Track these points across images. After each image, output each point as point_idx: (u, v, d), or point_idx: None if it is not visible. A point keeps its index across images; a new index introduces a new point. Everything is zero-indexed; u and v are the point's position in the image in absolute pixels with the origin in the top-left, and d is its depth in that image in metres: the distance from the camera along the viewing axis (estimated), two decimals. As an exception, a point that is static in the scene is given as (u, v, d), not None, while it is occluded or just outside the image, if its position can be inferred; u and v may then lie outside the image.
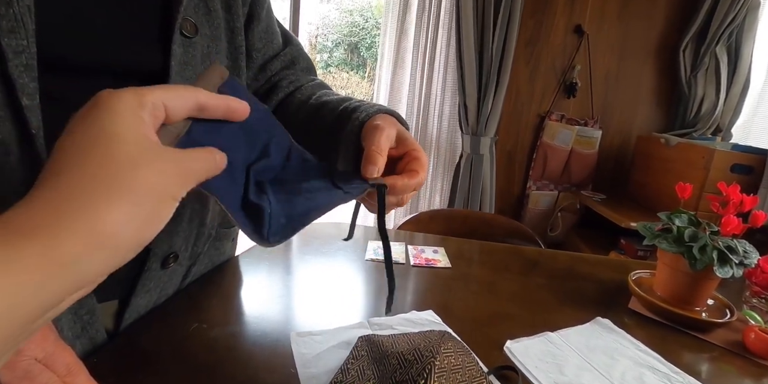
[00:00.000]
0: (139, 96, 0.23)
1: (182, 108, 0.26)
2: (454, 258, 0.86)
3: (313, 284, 0.71)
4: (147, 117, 0.24)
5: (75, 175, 0.21)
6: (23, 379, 0.32)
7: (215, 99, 0.28)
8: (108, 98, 0.23)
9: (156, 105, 0.24)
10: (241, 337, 0.54)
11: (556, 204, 2.25)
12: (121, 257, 0.22)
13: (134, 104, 0.23)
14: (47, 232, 0.19)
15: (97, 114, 0.22)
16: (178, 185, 0.24)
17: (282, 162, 0.37)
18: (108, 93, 0.23)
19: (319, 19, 5.32)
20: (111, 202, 0.21)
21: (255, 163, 0.34)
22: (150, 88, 0.24)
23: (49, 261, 0.19)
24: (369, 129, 0.41)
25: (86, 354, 0.48)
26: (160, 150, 0.23)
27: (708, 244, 0.64)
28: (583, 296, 0.73)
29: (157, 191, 0.22)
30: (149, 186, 0.22)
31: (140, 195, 0.22)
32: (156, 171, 0.22)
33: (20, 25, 0.35)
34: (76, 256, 0.20)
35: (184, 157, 0.25)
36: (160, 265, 0.53)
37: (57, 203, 0.20)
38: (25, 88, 0.36)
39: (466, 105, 2.05)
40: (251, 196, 0.32)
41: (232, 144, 0.31)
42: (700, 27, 2.01)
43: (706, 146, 1.66)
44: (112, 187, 0.21)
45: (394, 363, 0.41)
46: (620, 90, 2.18)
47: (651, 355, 0.56)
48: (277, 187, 0.34)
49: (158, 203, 0.23)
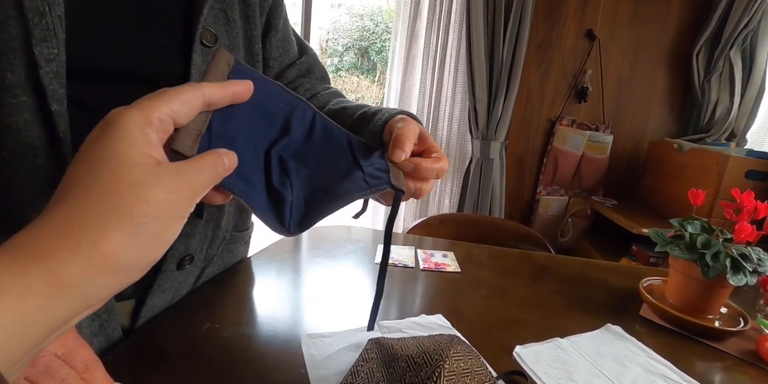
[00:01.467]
0: (146, 114, 0.24)
1: (189, 114, 0.26)
2: (463, 262, 0.86)
3: (323, 286, 0.71)
4: (154, 135, 0.24)
5: (80, 200, 0.22)
6: (44, 374, 0.33)
7: (220, 90, 0.28)
8: (116, 119, 0.23)
9: (163, 120, 0.25)
10: (252, 337, 0.55)
11: (567, 209, 2.24)
12: (127, 278, 0.23)
13: (141, 123, 0.23)
14: (52, 257, 0.20)
15: (105, 137, 0.23)
16: (183, 203, 0.24)
17: (305, 134, 0.38)
18: (116, 113, 0.24)
19: (330, 24, 5.35)
20: (111, 227, 0.21)
21: (278, 140, 0.34)
22: (156, 103, 0.25)
23: (55, 285, 0.20)
24: (394, 124, 0.43)
25: (103, 351, 0.49)
26: (164, 169, 0.24)
27: (721, 251, 0.63)
28: (593, 302, 0.73)
29: (161, 212, 0.23)
30: (152, 208, 0.22)
31: (143, 218, 0.22)
32: (159, 192, 0.23)
33: (52, 34, 0.36)
34: (80, 279, 0.20)
35: (188, 171, 0.25)
36: (176, 267, 0.54)
37: (62, 228, 0.21)
38: (55, 94, 0.37)
39: (476, 109, 2.05)
40: (274, 181, 0.32)
41: (252, 124, 0.32)
42: (713, 31, 1.99)
43: (720, 152, 1.64)
44: (114, 211, 0.21)
45: (404, 366, 0.42)
46: (632, 95, 2.16)
47: (662, 363, 0.55)
48: (299, 164, 0.34)
49: (163, 224, 0.23)
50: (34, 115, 0.37)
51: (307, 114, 0.38)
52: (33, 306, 0.19)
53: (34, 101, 0.37)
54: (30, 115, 0.37)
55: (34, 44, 0.35)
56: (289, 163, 0.35)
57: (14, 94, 0.36)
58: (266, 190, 0.33)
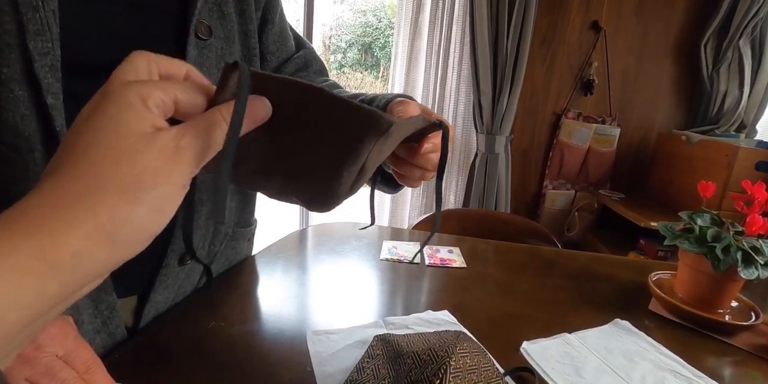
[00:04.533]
0: (147, 87, 0.23)
1: (192, 107, 0.25)
2: (469, 258, 0.85)
3: (329, 283, 0.71)
4: (153, 105, 0.23)
5: (75, 169, 0.20)
6: (44, 375, 0.33)
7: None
8: (115, 87, 0.22)
9: (164, 100, 0.23)
10: (258, 335, 0.55)
11: (573, 203, 2.22)
12: (127, 251, 0.21)
13: (142, 92, 0.22)
14: (47, 230, 0.19)
15: (101, 105, 0.22)
16: (183, 170, 0.23)
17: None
18: (116, 81, 0.23)
19: (333, 20, 5.33)
20: (109, 195, 0.20)
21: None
22: (160, 84, 0.24)
23: (49, 262, 0.19)
24: (393, 107, 0.43)
25: (106, 349, 0.49)
26: (162, 135, 0.22)
27: (732, 244, 0.62)
28: (601, 297, 0.72)
29: (159, 179, 0.22)
30: (150, 175, 0.21)
31: (140, 184, 0.21)
32: (156, 158, 0.22)
33: (45, 28, 0.36)
34: (77, 253, 0.19)
35: (188, 134, 0.23)
36: (177, 262, 0.54)
37: (56, 200, 0.20)
38: (50, 87, 0.38)
39: (481, 104, 2.04)
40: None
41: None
42: (722, 20, 1.95)
43: (730, 143, 1.61)
44: (111, 179, 0.20)
45: (409, 363, 0.42)
46: (639, 86, 2.13)
47: (672, 359, 0.54)
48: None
49: (162, 192, 0.22)
50: (30, 109, 0.37)
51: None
52: (21, 282, 0.18)
53: (30, 95, 0.37)
54: (26, 108, 0.37)
55: (28, 38, 0.35)
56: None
57: (10, 89, 0.36)
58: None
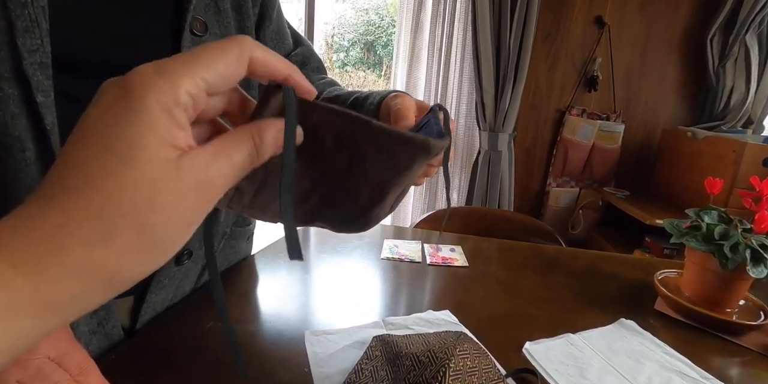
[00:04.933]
0: (175, 89, 0.18)
1: (225, 87, 0.21)
2: (471, 257, 0.84)
3: (329, 283, 0.70)
4: (183, 116, 0.19)
5: (81, 197, 0.18)
6: (36, 377, 0.33)
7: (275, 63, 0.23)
8: (138, 93, 0.18)
9: (195, 95, 0.19)
10: (256, 335, 0.54)
11: (578, 201, 2.20)
12: (123, 288, 0.20)
13: (169, 103, 0.18)
14: (42, 268, 0.17)
15: (120, 117, 0.18)
16: (201, 207, 0.20)
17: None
18: (139, 83, 0.18)
19: (335, 19, 5.32)
20: (117, 237, 0.18)
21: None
22: (189, 70, 0.19)
23: (43, 304, 0.17)
24: (389, 102, 0.43)
25: (102, 350, 0.49)
26: (187, 164, 0.19)
27: (740, 242, 0.61)
28: (606, 296, 0.71)
29: (175, 220, 0.19)
30: (166, 216, 0.19)
31: (153, 227, 0.18)
32: (176, 197, 0.19)
33: (35, 25, 0.36)
34: (73, 296, 0.18)
35: (214, 163, 0.20)
36: (174, 262, 0.53)
37: (56, 231, 0.17)
38: (40, 85, 0.37)
39: (484, 101, 2.02)
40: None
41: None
42: (728, 14, 1.92)
43: (737, 139, 1.59)
44: (123, 217, 0.18)
45: (408, 364, 0.41)
46: (644, 82, 2.11)
47: (679, 359, 0.53)
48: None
49: (173, 234, 0.19)
50: (20, 107, 0.37)
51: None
52: (17, 324, 0.17)
53: (20, 93, 0.37)
54: (16, 107, 0.37)
55: (17, 35, 0.35)
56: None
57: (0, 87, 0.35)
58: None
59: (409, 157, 0.28)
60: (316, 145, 0.27)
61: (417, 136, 0.27)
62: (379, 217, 0.32)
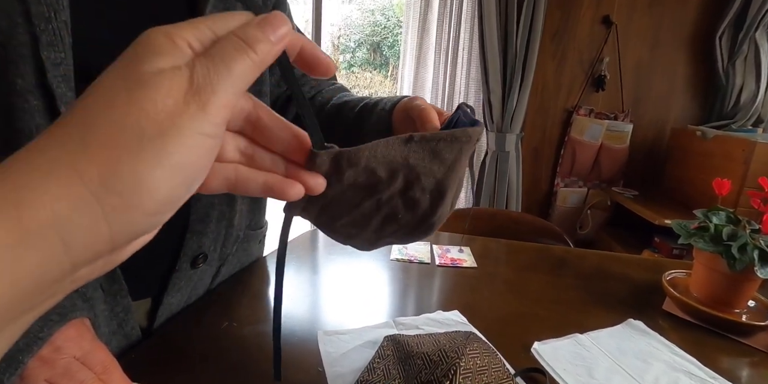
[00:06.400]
0: (178, 27, 0.19)
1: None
2: (480, 257, 0.85)
3: (339, 283, 0.72)
4: (184, 43, 0.18)
5: (65, 116, 0.17)
6: (63, 376, 0.34)
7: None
8: (143, 34, 0.19)
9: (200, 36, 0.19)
10: (269, 335, 0.55)
11: (586, 201, 2.19)
12: (123, 218, 0.16)
13: (171, 31, 0.18)
14: (20, 183, 0.15)
15: (127, 50, 0.18)
16: (204, 115, 0.18)
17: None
18: (150, 30, 0.19)
19: (341, 20, 5.33)
20: (94, 138, 0.16)
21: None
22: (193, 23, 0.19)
23: (20, 225, 0.14)
24: (410, 103, 0.44)
25: (121, 350, 0.51)
26: (177, 72, 0.18)
27: (748, 243, 0.61)
28: (614, 297, 0.71)
29: (166, 122, 0.17)
30: (152, 122, 0.16)
31: (141, 133, 0.16)
32: (162, 96, 0.17)
33: (58, 38, 0.37)
34: (55, 215, 0.15)
35: (197, 65, 0.18)
36: (189, 265, 0.55)
37: (37, 148, 0.16)
38: (64, 97, 0.38)
39: (491, 101, 2.02)
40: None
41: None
42: (737, 12, 1.90)
43: (747, 138, 1.58)
44: (101, 120, 0.16)
45: (420, 363, 0.42)
46: (652, 81, 2.09)
47: (687, 360, 0.54)
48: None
49: (175, 143, 0.17)
50: (45, 119, 0.38)
51: None
52: (20, 257, 0.14)
53: (45, 105, 0.38)
54: (41, 118, 0.38)
55: (41, 49, 0.36)
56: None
57: (25, 99, 0.37)
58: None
59: (456, 150, 0.30)
60: (373, 179, 0.29)
61: (456, 130, 0.30)
62: (443, 218, 0.34)
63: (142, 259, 0.52)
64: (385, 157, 0.28)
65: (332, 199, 0.28)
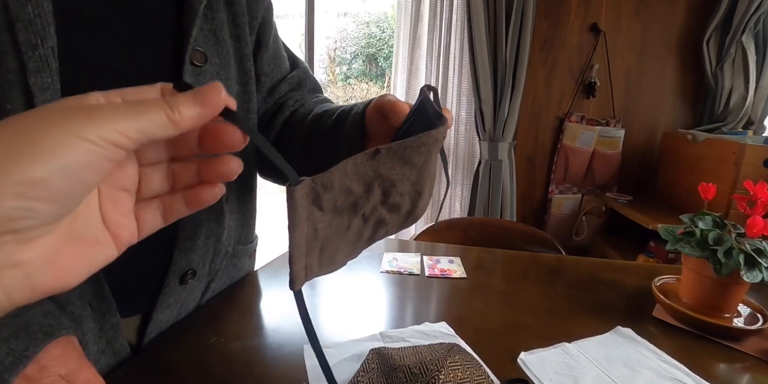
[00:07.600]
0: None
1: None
2: (471, 268, 0.85)
3: (329, 297, 0.72)
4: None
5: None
6: None
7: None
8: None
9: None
10: (257, 350, 0.55)
11: (581, 207, 2.20)
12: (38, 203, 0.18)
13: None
14: None
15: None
16: (90, 124, 0.20)
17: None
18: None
19: (337, 33, 5.41)
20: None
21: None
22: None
23: None
24: (378, 101, 0.46)
25: (111, 367, 0.50)
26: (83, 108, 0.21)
27: (734, 247, 0.61)
28: (605, 304, 0.71)
29: (37, 121, 0.19)
30: (41, 128, 0.19)
31: (32, 138, 0.18)
32: (55, 110, 0.20)
33: (45, 65, 0.38)
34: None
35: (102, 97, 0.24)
36: (178, 282, 0.55)
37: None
38: None
39: (482, 111, 2.04)
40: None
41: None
42: (723, 16, 1.93)
43: (737, 141, 1.59)
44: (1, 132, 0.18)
45: (401, 376, 0.42)
46: (642, 87, 2.12)
47: (675, 367, 0.53)
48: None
49: (41, 133, 0.19)
50: None
51: None
52: None
53: None
54: None
55: (29, 75, 0.37)
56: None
57: None
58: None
59: (425, 153, 0.31)
60: (351, 197, 0.30)
61: (421, 136, 0.31)
62: (425, 207, 0.36)
63: (131, 276, 0.53)
64: (356, 173, 0.29)
65: (324, 234, 0.29)
